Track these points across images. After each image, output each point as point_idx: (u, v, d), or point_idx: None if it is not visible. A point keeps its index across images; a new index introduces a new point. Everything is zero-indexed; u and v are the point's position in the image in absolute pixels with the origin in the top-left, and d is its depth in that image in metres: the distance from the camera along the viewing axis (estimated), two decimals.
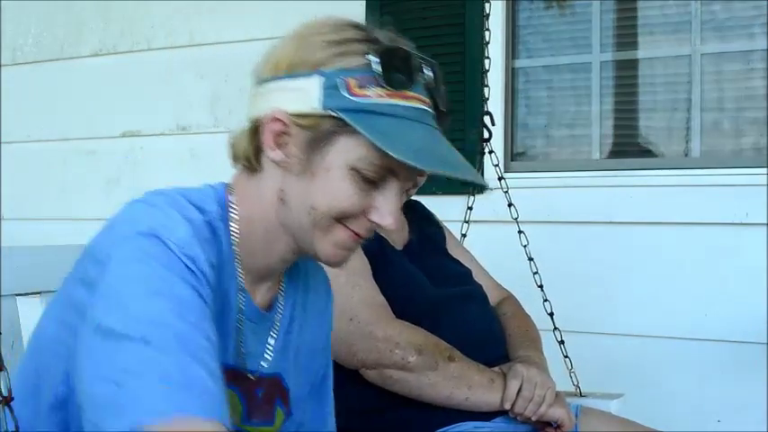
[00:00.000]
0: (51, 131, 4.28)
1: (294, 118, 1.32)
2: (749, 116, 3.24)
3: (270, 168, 1.37)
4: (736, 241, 3.09)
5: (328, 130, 1.31)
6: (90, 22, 4.20)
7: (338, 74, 1.31)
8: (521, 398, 2.01)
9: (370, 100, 1.30)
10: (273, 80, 1.36)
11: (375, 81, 1.31)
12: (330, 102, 1.30)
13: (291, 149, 1.34)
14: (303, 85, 1.32)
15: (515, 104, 3.56)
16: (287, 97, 1.34)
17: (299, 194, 1.35)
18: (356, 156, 1.31)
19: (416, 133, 1.33)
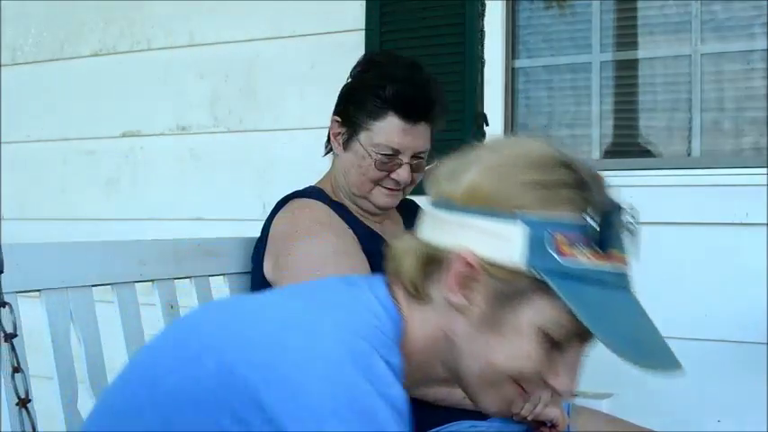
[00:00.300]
0: (51, 131, 4.28)
1: (487, 265, 1.20)
2: (749, 116, 3.23)
3: (441, 304, 1.26)
4: (736, 241, 3.08)
5: (524, 288, 1.20)
6: (90, 22, 4.20)
7: (546, 225, 1.18)
8: None
9: (578, 264, 1.19)
10: (467, 212, 1.23)
11: (585, 240, 1.19)
12: (535, 260, 1.18)
13: (476, 297, 1.22)
14: (503, 230, 1.19)
15: (515, 104, 3.55)
16: (482, 240, 1.21)
17: (476, 346, 1.23)
18: (549, 318, 1.21)
19: (620, 309, 1.24)
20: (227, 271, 2.26)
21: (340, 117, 2.27)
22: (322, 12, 3.69)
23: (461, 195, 1.24)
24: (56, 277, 1.71)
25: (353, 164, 2.25)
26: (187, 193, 3.97)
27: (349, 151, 2.26)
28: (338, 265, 2.07)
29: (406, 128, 2.20)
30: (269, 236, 2.19)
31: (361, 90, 2.25)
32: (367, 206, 2.30)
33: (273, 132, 3.81)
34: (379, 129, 2.20)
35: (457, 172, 1.26)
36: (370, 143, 2.21)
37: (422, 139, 2.24)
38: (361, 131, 2.22)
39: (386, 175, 2.23)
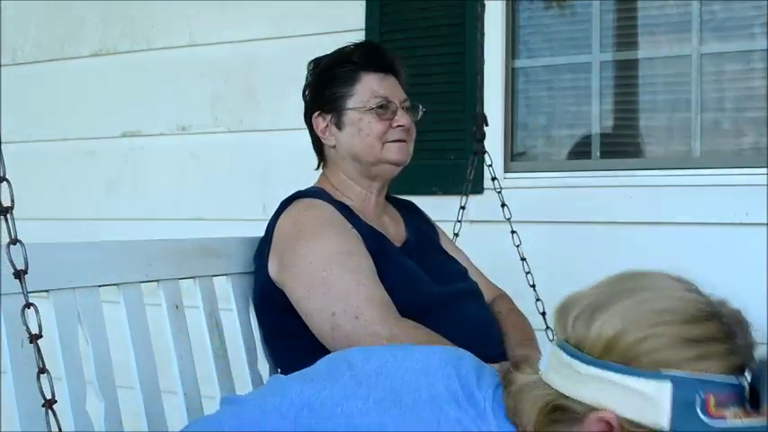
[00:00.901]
0: (51, 131, 4.27)
1: (627, 424, 1.14)
2: (749, 116, 3.24)
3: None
4: (736, 241, 3.08)
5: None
6: (90, 22, 4.20)
7: (696, 386, 1.11)
8: None
9: (725, 424, 1.12)
10: (606, 368, 1.16)
11: (737, 400, 1.13)
12: (682, 424, 1.10)
13: None
14: (649, 390, 1.12)
15: (515, 104, 3.56)
16: (624, 399, 1.14)
17: None
18: None
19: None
20: (230, 271, 2.26)
21: (319, 109, 2.33)
22: (322, 12, 3.70)
23: (600, 346, 1.17)
24: (64, 278, 1.71)
25: (354, 134, 2.29)
26: (187, 193, 3.97)
27: (345, 127, 2.31)
28: (343, 264, 2.08)
29: (382, 77, 2.32)
30: (273, 236, 2.20)
31: (326, 73, 2.34)
32: (383, 170, 2.32)
33: (273, 132, 3.82)
34: (361, 88, 2.30)
35: (591, 313, 1.20)
36: (360, 103, 2.29)
37: (398, 88, 2.35)
38: (347, 101, 2.30)
39: (388, 125, 2.28)
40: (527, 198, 2.89)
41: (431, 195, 3.36)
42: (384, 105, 2.28)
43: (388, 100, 2.29)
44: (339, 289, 2.05)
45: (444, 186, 3.46)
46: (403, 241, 2.34)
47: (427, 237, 2.45)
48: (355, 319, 2.02)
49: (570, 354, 1.19)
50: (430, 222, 2.55)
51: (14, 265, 1.44)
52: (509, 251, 2.82)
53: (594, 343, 1.17)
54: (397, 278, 2.14)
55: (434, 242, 2.47)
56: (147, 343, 1.91)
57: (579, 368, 1.17)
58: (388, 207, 2.44)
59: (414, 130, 2.35)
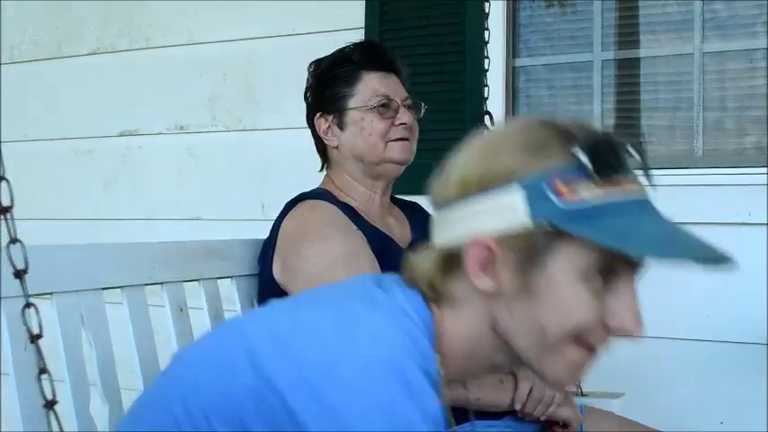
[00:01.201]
0: (49, 131, 4.26)
1: (500, 240, 1.18)
2: (751, 115, 3.23)
3: (473, 298, 1.23)
4: (738, 241, 3.05)
5: (543, 244, 1.17)
6: (88, 20, 4.19)
7: (541, 178, 1.17)
8: (531, 399, 2.02)
9: (584, 203, 1.16)
10: (463, 202, 1.22)
11: (584, 177, 1.17)
12: (540, 212, 1.16)
13: (502, 274, 1.20)
14: (502, 200, 1.18)
15: (516, 103, 3.55)
16: (488, 219, 1.19)
17: (521, 319, 1.20)
18: (582, 261, 1.17)
19: (646, 224, 1.20)
20: (234, 273, 2.25)
21: (321, 110, 2.32)
22: (321, 11, 3.68)
23: (456, 189, 1.23)
24: (67, 280, 1.70)
25: (357, 133, 2.28)
26: (185, 192, 3.96)
27: (347, 127, 2.29)
28: (348, 265, 2.06)
29: (383, 76, 2.30)
30: (278, 238, 2.18)
31: (326, 74, 2.32)
32: (387, 169, 2.31)
33: (272, 132, 3.80)
34: (362, 87, 2.28)
35: (446, 173, 1.27)
36: (362, 102, 2.27)
37: (400, 87, 2.34)
38: (348, 101, 2.28)
39: (390, 124, 2.27)
40: None
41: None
42: (386, 104, 2.27)
43: (389, 98, 2.28)
44: None
45: None
46: (408, 242, 2.33)
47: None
48: None
49: (439, 209, 1.26)
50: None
51: (14, 265, 1.42)
52: None
53: (453, 188, 1.24)
54: None
55: None
56: (151, 346, 1.89)
57: (449, 216, 1.24)
58: (393, 208, 2.43)
59: (416, 128, 2.34)
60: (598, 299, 1.19)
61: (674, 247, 1.21)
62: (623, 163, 1.21)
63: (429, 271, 1.26)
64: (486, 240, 1.19)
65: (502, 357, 1.27)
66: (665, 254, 1.18)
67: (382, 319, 1.19)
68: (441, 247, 1.26)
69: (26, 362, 1.46)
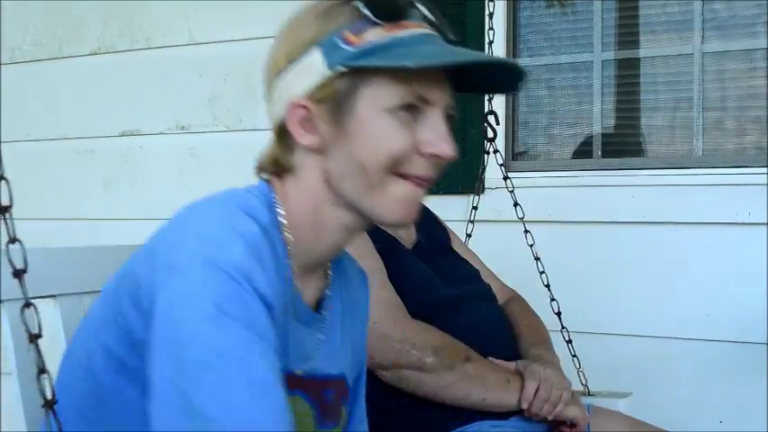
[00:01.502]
0: (50, 130, 4.25)
1: (310, 96, 1.32)
2: (751, 115, 3.23)
3: (306, 160, 1.35)
4: (738, 241, 3.08)
5: (346, 88, 1.30)
6: (89, 20, 4.18)
7: (333, 34, 1.30)
8: (538, 398, 2.01)
9: (371, 43, 1.29)
10: (278, 77, 1.36)
11: (371, 24, 1.30)
12: (335, 59, 1.30)
13: (321, 127, 1.32)
14: (306, 63, 1.32)
15: (516, 103, 3.55)
16: (295, 81, 1.33)
17: (344, 162, 1.32)
18: (384, 96, 1.29)
19: (427, 45, 1.31)
20: None
21: None
22: None
23: (272, 73, 1.37)
24: (71, 282, 1.70)
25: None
26: (186, 192, 3.91)
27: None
28: None
29: None
30: None
31: None
32: None
33: None
34: None
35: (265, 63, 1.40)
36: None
37: None
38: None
39: None
40: (528, 197, 2.88)
41: (432, 195, 3.34)
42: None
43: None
44: None
45: (445, 186, 3.44)
46: (414, 243, 2.33)
47: (438, 239, 2.43)
48: None
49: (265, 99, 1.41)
50: (441, 224, 2.53)
51: (14, 265, 1.42)
52: (510, 251, 2.81)
53: (270, 74, 1.37)
54: (407, 280, 2.13)
55: (445, 244, 2.45)
56: None
57: (270, 97, 1.39)
58: None
59: None
60: (407, 128, 1.30)
61: (451, 54, 1.30)
62: (404, 8, 1.32)
63: (270, 151, 1.40)
64: (299, 100, 1.32)
65: (346, 215, 1.36)
66: (444, 58, 1.29)
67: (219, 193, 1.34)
68: (274, 125, 1.38)
69: (30, 362, 1.46)
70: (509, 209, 2.82)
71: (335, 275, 1.50)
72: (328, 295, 1.47)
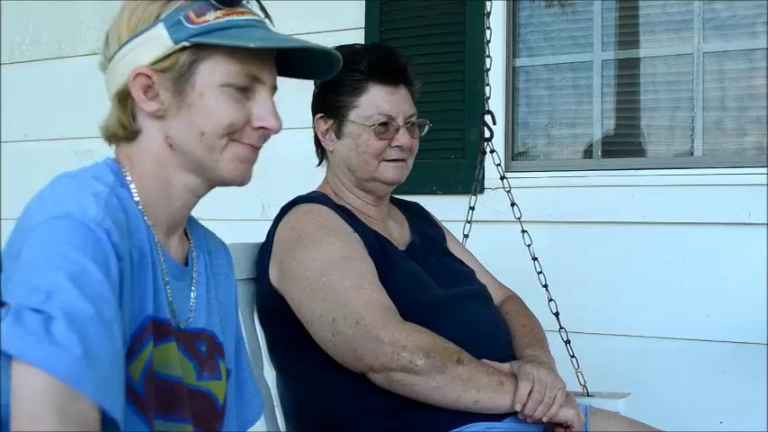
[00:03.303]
0: (49, 131, 4.26)
1: (154, 66, 1.43)
2: (751, 115, 3.23)
3: (149, 125, 1.47)
4: (737, 241, 3.08)
5: (188, 62, 1.43)
6: (88, 20, 4.18)
7: (177, 13, 1.43)
8: (531, 400, 1.99)
9: (210, 22, 1.42)
10: (120, 49, 1.46)
11: (211, 6, 1.43)
12: (179, 35, 1.42)
13: (162, 95, 1.45)
14: (150, 36, 1.44)
15: (516, 103, 3.55)
16: (139, 53, 1.44)
17: (185, 129, 1.46)
18: (220, 73, 1.44)
19: (260, 31, 1.47)
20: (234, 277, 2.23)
21: (322, 112, 2.28)
22: (321, 11, 3.68)
23: (114, 44, 1.47)
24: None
25: (352, 147, 2.24)
26: None
27: (344, 138, 2.26)
28: (343, 269, 2.05)
29: (390, 91, 2.24)
30: (273, 242, 2.17)
31: (333, 77, 2.26)
32: (376, 187, 2.28)
33: None
34: (366, 101, 2.23)
35: (105, 37, 1.50)
36: (362, 118, 2.22)
37: (407, 101, 2.28)
38: (349, 112, 2.24)
39: (387, 144, 2.24)
40: (527, 197, 2.88)
41: (431, 195, 3.35)
42: (386, 123, 2.22)
43: (391, 118, 2.22)
44: (339, 295, 2.02)
45: (444, 186, 3.45)
46: (407, 244, 2.32)
47: (432, 239, 2.42)
48: (356, 325, 1.99)
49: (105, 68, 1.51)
50: (436, 224, 2.52)
51: None
52: (509, 251, 2.81)
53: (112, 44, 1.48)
54: (400, 282, 2.12)
55: (440, 244, 2.44)
56: None
57: (113, 66, 1.47)
58: (393, 210, 2.41)
59: (416, 147, 2.29)
60: (240, 104, 1.46)
61: (278, 39, 1.46)
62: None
63: (114, 117, 1.49)
64: (142, 69, 1.43)
65: (190, 177, 1.50)
66: (270, 42, 1.45)
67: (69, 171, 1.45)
68: (115, 92, 1.48)
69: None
70: (508, 209, 2.82)
71: (195, 239, 1.63)
72: (192, 253, 1.60)
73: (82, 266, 1.24)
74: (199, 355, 1.52)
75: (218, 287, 1.65)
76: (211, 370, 1.55)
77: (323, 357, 2.06)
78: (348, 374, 2.02)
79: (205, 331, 1.56)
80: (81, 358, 1.15)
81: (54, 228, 1.28)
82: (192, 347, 1.51)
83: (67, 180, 1.39)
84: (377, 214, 2.32)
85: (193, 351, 1.52)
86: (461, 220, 2.91)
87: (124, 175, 1.48)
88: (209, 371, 1.54)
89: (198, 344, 1.53)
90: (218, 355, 1.58)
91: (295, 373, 2.19)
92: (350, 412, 2.07)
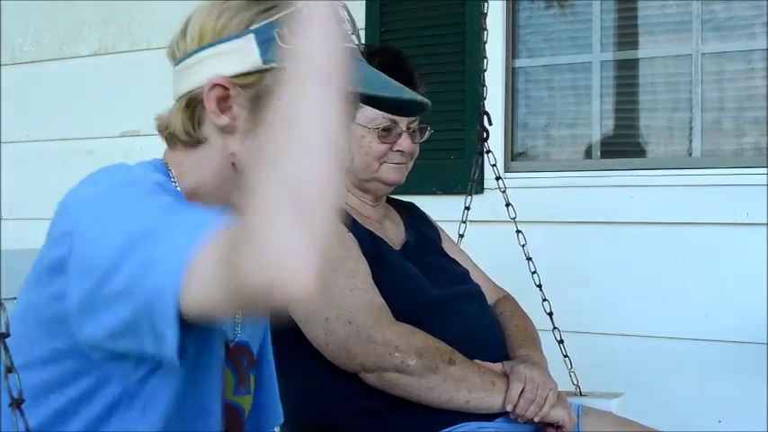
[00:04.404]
0: (50, 131, 4.26)
1: (235, 80, 1.34)
2: (750, 116, 3.23)
3: (214, 137, 1.38)
4: (736, 241, 3.08)
5: (272, 84, 1.31)
6: (89, 21, 4.19)
7: (270, 27, 1.32)
8: (523, 399, 2.00)
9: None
10: (200, 50, 1.37)
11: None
12: (270, 55, 1.31)
13: (237, 112, 1.35)
14: (237, 46, 1.34)
15: (515, 104, 3.55)
16: (222, 62, 1.34)
17: (255, 153, 1.32)
18: None
19: (356, 67, 1.35)
20: None
21: None
22: None
23: (194, 42, 1.38)
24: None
25: (354, 148, 2.25)
26: None
27: None
28: (338, 268, 2.07)
29: None
30: None
31: None
32: (376, 188, 2.30)
33: None
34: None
35: (182, 30, 1.42)
36: (366, 120, 2.22)
37: None
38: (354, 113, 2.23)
39: (389, 148, 2.24)
40: (527, 198, 2.88)
41: (430, 195, 3.35)
42: (389, 128, 2.23)
43: (394, 122, 2.24)
44: (332, 294, 2.03)
45: (444, 186, 3.45)
46: (402, 244, 2.32)
47: (428, 239, 2.43)
48: (348, 325, 2.01)
49: (178, 62, 1.42)
50: (432, 224, 2.53)
51: None
52: (508, 251, 2.81)
53: (191, 41, 1.38)
54: (394, 282, 2.13)
55: (435, 244, 2.45)
56: None
57: (189, 65, 1.38)
58: (389, 210, 2.42)
59: (416, 151, 2.31)
60: None
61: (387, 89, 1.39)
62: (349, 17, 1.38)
63: (179, 119, 1.40)
64: (222, 81, 1.33)
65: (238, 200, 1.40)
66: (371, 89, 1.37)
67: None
68: (184, 93, 1.39)
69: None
70: (505, 209, 2.82)
71: None
72: None
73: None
74: (241, 369, 1.50)
75: None
76: (246, 384, 1.53)
77: (316, 356, 2.07)
78: (341, 374, 2.03)
79: (246, 344, 1.53)
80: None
81: (120, 192, 1.22)
82: (238, 362, 1.49)
83: (117, 166, 1.34)
84: (374, 214, 2.32)
85: (238, 365, 1.49)
86: (459, 221, 2.92)
87: (172, 179, 1.40)
88: (244, 385, 1.52)
89: (242, 358, 1.51)
90: (251, 368, 1.56)
91: (289, 371, 2.19)
92: (343, 411, 2.08)
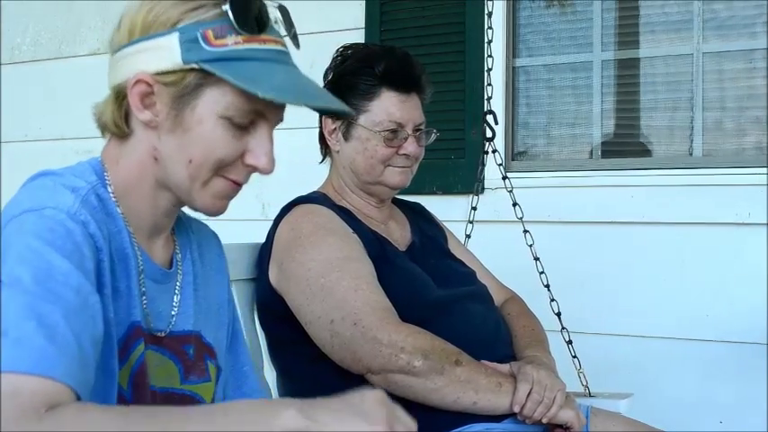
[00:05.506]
0: (49, 131, 4.26)
1: (157, 77, 1.36)
2: (751, 115, 3.23)
3: (140, 130, 1.41)
4: (737, 241, 3.08)
5: (193, 84, 1.35)
6: (88, 20, 4.18)
7: (195, 27, 1.34)
8: (530, 401, 1.99)
9: (228, 48, 1.34)
10: (130, 45, 1.38)
11: (231, 29, 1.34)
12: (191, 55, 1.34)
13: (159, 108, 1.38)
14: (162, 43, 1.36)
15: (516, 103, 3.55)
16: (147, 58, 1.36)
17: (174, 150, 1.39)
18: (224, 104, 1.35)
19: (277, 73, 1.37)
20: (234, 277, 2.22)
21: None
22: (321, 11, 3.68)
23: (125, 35, 1.39)
24: None
25: (359, 150, 2.24)
26: None
27: (351, 140, 2.25)
28: (341, 270, 2.05)
29: (403, 99, 2.23)
30: (273, 243, 2.17)
31: (348, 76, 2.25)
32: (380, 191, 2.29)
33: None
34: (377, 107, 2.22)
35: (119, 21, 1.43)
36: (371, 123, 2.22)
37: (418, 110, 2.27)
38: (359, 115, 2.22)
39: (394, 152, 2.23)
40: (527, 197, 2.88)
41: (431, 195, 3.35)
42: (395, 131, 2.22)
43: (400, 126, 2.22)
44: (337, 296, 2.02)
45: (444, 186, 3.45)
46: (407, 245, 2.31)
47: (433, 239, 2.42)
48: (354, 326, 1.99)
49: (113, 53, 1.43)
50: (438, 225, 2.52)
51: None
52: (510, 251, 2.81)
53: (123, 34, 1.40)
54: (399, 282, 2.12)
55: (441, 245, 2.44)
56: None
57: (116, 57, 1.41)
58: (394, 210, 2.41)
59: (421, 155, 2.30)
60: (237, 139, 1.38)
61: (294, 92, 1.37)
62: (266, 24, 1.38)
63: (109, 110, 1.44)
64: (145, 77, 1.36)
65: (165, 195, 1.44)
66: (285, 96, 1.35)
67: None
68: (115, 85, 1.42)
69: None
70: (509, 209, 2.82)
71: (182, 239, 1.58)
72: (177, 257, 1.54)
73: (48, 260, 1.20)
74: (186, 359, 1.50)
75: (209, 283, 1.61)
76: (199, 373, 1.53)
77: (322, 358, 2.06)
78: (347, 376, 2.02)
79: (192, 333, 1.53)
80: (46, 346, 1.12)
81: (24, 221, 1.25)
82: (179, 351, 1.49)
83: (46, 176, 1.37)
84: (378, 215, 2.32)
85: (181, 354, 1.49)
86: (461, 220, 2.91)
87: (107, 177, 1.43)
88: (196, 374, 1.52)
89: (186, 347, 1.51)
90: (208, 357, 1.56)
91: (294, 373, 2.19)
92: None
